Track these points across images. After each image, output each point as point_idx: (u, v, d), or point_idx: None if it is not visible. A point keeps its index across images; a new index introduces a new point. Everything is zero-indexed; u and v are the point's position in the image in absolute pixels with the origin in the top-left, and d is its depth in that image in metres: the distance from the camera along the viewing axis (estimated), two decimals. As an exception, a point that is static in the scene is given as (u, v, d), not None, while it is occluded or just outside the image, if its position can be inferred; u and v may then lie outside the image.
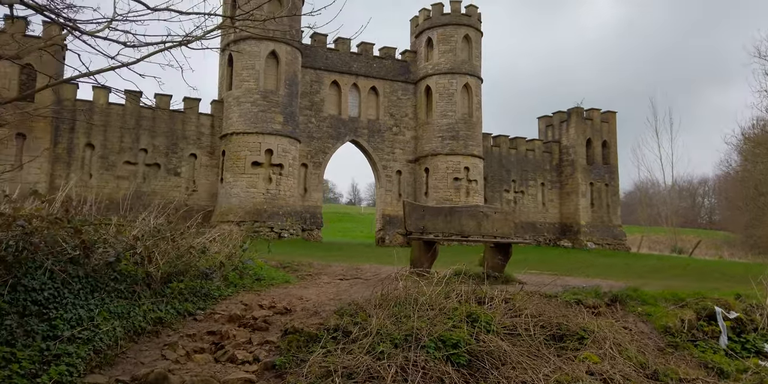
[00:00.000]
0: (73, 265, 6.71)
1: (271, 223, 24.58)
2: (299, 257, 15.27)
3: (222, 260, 9.14)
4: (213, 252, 9.36)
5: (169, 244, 8.44)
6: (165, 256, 8.09)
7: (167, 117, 26.80)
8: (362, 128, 29.57)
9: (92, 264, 6.93)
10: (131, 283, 7.22)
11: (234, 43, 26.11)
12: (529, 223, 32.85)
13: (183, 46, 7.73)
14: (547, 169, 34.26)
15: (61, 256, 6.70)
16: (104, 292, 6.83)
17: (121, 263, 7.31)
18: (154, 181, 26.34)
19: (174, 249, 8.48)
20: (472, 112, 29.93)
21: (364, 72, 29.84)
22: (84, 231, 6.97)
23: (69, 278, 6.50)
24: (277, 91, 25.78)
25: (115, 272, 7.19)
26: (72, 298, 6.30)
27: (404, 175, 30.20)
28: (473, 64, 30.29)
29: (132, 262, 7.61)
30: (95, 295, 6.67)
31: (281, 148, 25.42)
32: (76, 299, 6.34)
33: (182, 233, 8.94)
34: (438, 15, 30.33)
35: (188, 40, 7.61)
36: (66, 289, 6.36)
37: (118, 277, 7.15)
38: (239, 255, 9.58)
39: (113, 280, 7.07)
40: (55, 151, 24.89)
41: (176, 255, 8.39)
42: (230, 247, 9.61)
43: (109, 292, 6.88)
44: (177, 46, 7.41)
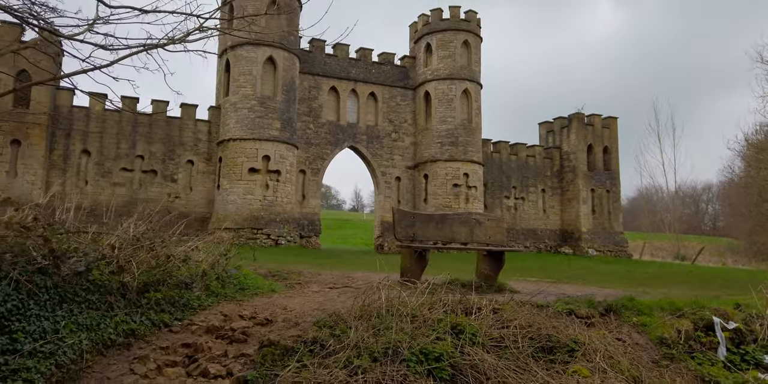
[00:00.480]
0: (42, 276, 6.46)
1: (268, 230, 24.32)
2: (291, 265, 15.00)
3: (205, 269, 8.88)
4: (196, 260, 9.11)
5: (147, 253, 8.19)
6: (143, 266, 7.85)
7: (164, 123, 26.65)
8: (361, 134, 29.36)
9: (62, 274, 6.68)
10: (104, 293, 6.96)
11: (231, 49, 26.00)
12: (530, 230, 32.51)
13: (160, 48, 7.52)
14: (548, 175, 33.96)
15: (29, 266, 6.46)
16: (74, 303, 6.56)
17: (94, 273, 7.06)
18: (151, 188, 26.15)
19: (153, 258, 8.23)
20: (471, 117, 29.70)
21: (362, 78, 29.68)
22: (54, 240, 6.72)
23: (36, 289, 6.25)
24: (275, 97, 25.61)
25: (88, 282, 6.93)
26: (37, 310, 6.04)
27: (403, 182, 29.94)
28: (472, 70, 30.09)
29: (107, 272, 7.36)
30: (64, 307, 6.41)
31: (278, 154, 25.20)
32: (42, 311, 6.08)
33: (163, 241, 8.68)
34: (437, 20, 30.18)
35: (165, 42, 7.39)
36: (32, 300, 6.11)
37: (90, 288, 6.89)
38: (223, 263, 9.31)
39: (85, 290, 6.81)
40: (51, 157, 24.74)
41: (156, 264, 8.15)
42: (214, 256, 9.34)
43: (80, 303, 6.61)
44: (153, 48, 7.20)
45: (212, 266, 9.30)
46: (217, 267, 9.45)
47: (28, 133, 23.61)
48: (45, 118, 23.89)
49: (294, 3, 26.99)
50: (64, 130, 25.05)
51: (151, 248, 8.32)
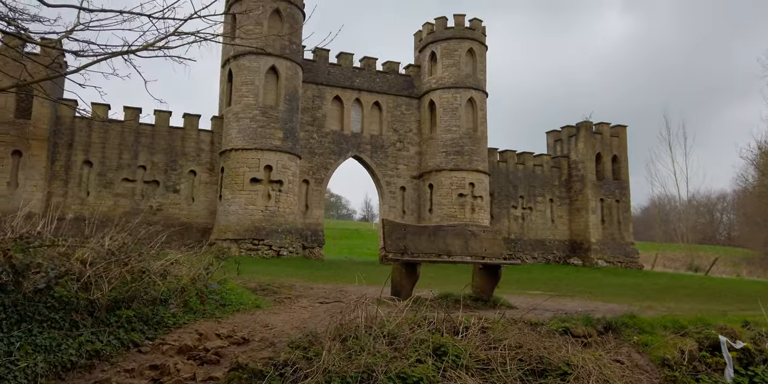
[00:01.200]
0: (1, 293, 6.12)
1: (269, 241, 23.98)
2: (286, 278, 14.60)
3: (184, 284, 8.51)
4: (176, 275, 8.74)
5: (122, 268, 7.83)
6: (115, 281, 7.48)
7: (166, 133, 26.51)
8: (365, 144, 29.04)
9: (24, 291, 6.33)
10: (69, 311, 6.61)
11: (234, 59, 25.86)
12: (538, 241, 31.90)
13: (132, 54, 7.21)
14: (556, 184, 33.38)
15: (-13, 283, 6.13)
16: (34, 322, 6.21)
17: (59, 290, 6.71)
18: (153, 199, 25.95)
19: (128, 272, 7.87)
20: (476, 126, 29.29)
21: (366, 87, 29.42)
22: (15, 254, 6.38)
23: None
24: (277, 107, 25.38)
25: (53, 300, 6.58)
26: (-11, 330, 5.68)
27: (408, 192, 29.52)
28: (478, 78, 29.72)
29: (77, 288, 7.01)
30: (22, 326, 6.05)
31: (281, 164, 24.92)
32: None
33: (140, 255, 8.32)
34: (441, 29, 29.90)
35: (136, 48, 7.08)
36: (-15, 319, 5.76)
37: (55, 305, 6.54)
38: (204, 278, 8.93)
39: (48, 308, 6.46)
40: (53, 168, 24.63)
41: (131, 279, 7.78)
42: (195, 270, 8.96)
43: (41, 322, 6.26)
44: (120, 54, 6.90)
45: (193, 281, 8.92)
46: (198, 282, 9.08)
47: (30, 144, 23.52)
48: (46, 129, 23.82)
49: (297, 13, 26.85)
50: (66, 140, 24.97)
51: (126, 262, 7.96)
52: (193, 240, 25.99)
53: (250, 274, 14.69)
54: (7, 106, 23.46)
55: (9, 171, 23.25)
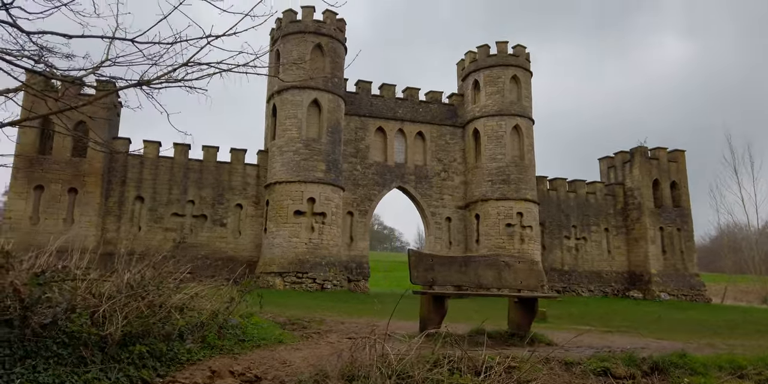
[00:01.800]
0: (7, 328, 6.02)
1: (313, 274, 23.77)
2: (321, 311, 14.25)
3: (203, 319, 8.28)
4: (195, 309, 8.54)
5: (140, 301, 7.68)
6: (131, 315, 7.32)
7: (214, 168, 27.08)
8: (409, 174, 28.77)
9: (31, 326, 6.23)
10: (78, 346, 6.44)
11: (277, 94, 26.37)
12: (594, 273, 30.39)
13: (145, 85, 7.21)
14: (611, 213, 31.96)
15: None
16: (40, 358, 6.05)
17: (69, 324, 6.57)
18: (201, 233, 26.36)
19: (146, 307, 7.71)
20: (523, 154, 28.56)
21: (409, 117, 29.34)
22: (24, 289, 6.30)
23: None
24: (320, 139, 25.56)
25: (64, 335, 6.44)
26: (-11, 367, 5.55)
27: (454, 222, 28.88)
28: (523, 105, 29.16)
29: (89, 323, 6.87)
30: (26, 363, 5.90)
31: (324, 196, 24.90)
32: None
33: (158, 288, 8.17)
34: (484, 57, 29.68)
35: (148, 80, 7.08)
36: (-13, 355, 5.64)
37: (64, 341, 6.38)
38: (225, 312, 8.68)
39: (58, 343, 6.31)
40: (107, 204, 25.45)
41: (148, 313, 7.62)
42: (216, 304, 8.74)
43: (47, 359, 6.09)
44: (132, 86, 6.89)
45: (214, 315, 8.70)
46: (220, 316, 8.85)
47: (85, 181, 24.45)
48: (100, 167, 24.74)
49: (339, 48, 27.27)
50: (119, 177, 25.85)
51: (143, 296, 7.82)
52: (239, 274, 26.14)
53: (284, 308, 14.43)
54: (65, 145, 24.57)
55: (65, 208, 24.16)
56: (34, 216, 23.74)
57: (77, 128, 25.19)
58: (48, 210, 23.91)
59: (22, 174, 23.78)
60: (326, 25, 26.75)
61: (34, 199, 23.90)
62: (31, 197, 23.86)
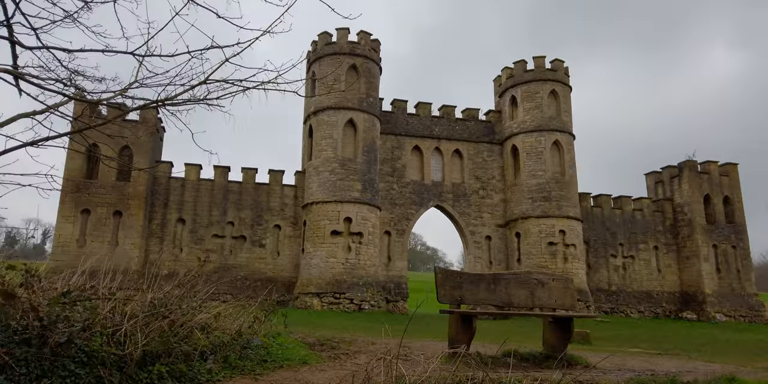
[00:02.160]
0: (26, 347, 6.00)
1: (350, 294, 23.54)
2: (354, 331, 13.98)
3: (226, 339, 8.14)
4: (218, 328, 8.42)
5: (161, 321, 7.61)
6: (154, 334, 7.25)
7: (252, 190, 27.39)
8: (447, 193, 28.39)
9: (50, 345, 6.20)
10: (95, 365, 6.37)
11: (313, 115, 26.60)
12: (644, 292, 29.07)
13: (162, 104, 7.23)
14: (660, 230, 30.65)
15: (15, 337, 6.06)
16: (57, 377, 5.99)
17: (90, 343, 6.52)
18: (240, 254, 26.57)
19: (168, 326, 7.64)
20: (564, 170, 27.83)
21: (446, 135, 29.09)
22: (42, 308, 6.30)
23: (14, 362, 5.77)
24: (355, 159, 25.56)
25: (82, 354, 6.39)
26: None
27: (494, 241, 28.24)
28: (562, 120, 28.53)
29: (108, 342, 6.82)
30: (42, 382, 5.85)
31: (360, 215, 24.78)
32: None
33: (180, 307, 8.09)
34: (521, 72, 29.29)
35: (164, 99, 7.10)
36: (2, 375, 5.61)
37: (83, 360, 6.32)
38: (247, 332, 8.53)
39: (76, 362, 6.26)
40: (150, 226, 25.99)
41: (170, 333, 7.53)
42: (240, 323, 8.60)
43: (64, 378, 6.03)
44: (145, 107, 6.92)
45: (238, 335, 8.57)
46: (244, 336, 8.71)
47: (129, 205, 25.07)
48: (143, 190, 25.35)
49: (374, 68, 27.42)
50: (162, 200, 26.41)
51: (165, 316, 7.75)
52: (278, 294, 26.15)
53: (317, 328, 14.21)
54: (110, 170, 25.30)
55: (111, 231, 24.77)
56: (81, 239, 24.42)
57: (122, 153, 25.98)
58: (94, 233, 24.57)
59: (69, 198, 24.58)
60: (360, 46, 26.98)
61: (81, 223, 24.62)
62: (78, 221, 24.58)
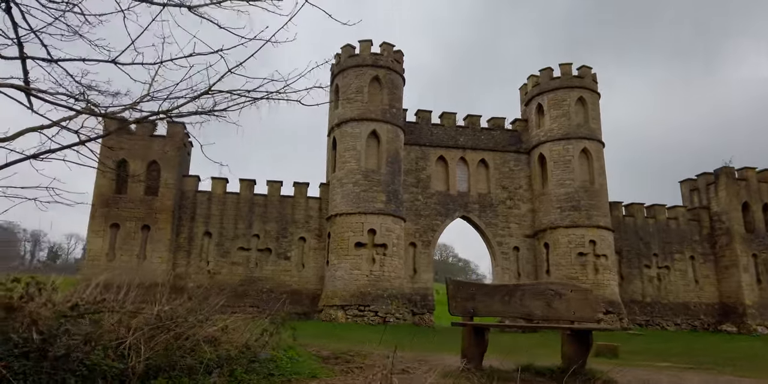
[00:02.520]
0: (25, 360, 5.96)
1: (375, 306, 23.28)
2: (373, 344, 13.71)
3: (233, 352, 8.01)
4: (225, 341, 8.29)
5: (167, 334, 7.53)
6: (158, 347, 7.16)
7: (278, 202, 27.49)
8: (472, 203, 27.99)
9: (50, 358, 6.15)
10: (96, 378, 6.30)
11: (337, 127, 26.64)
12: (681, 304, 28.00)
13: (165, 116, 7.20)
14: (697, 239, 29.58)
15: (15, 350, 6.03)
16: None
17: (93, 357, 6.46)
18: (266, 267, 26.61)
19: (174, 339, 7.55)
20: (593, 178, 27.15)
21: (471, 145, 28.77)
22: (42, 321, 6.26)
23: (12, 375, 5.73)
24: (379, 170, 25.44)
25: (83, 367, 6.33)
26: (-2, 400, 5.45)
27: (522, 252, 27.65)
28: (591, 128, 27.91)
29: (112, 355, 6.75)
30: (39, 395, 5.79)
31: (384, 227, 24.58)
32: (3, 402, 5.48)
33: (186, 320, 8.00)
34: (547, 80, 28.84)
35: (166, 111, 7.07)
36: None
37: (84, 374, 6.26)
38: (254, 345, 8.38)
39: (77, 376, 6.19)
40: (177, 240, 26.27)
41: (176, 346, 7.44)
42: (247, 336, 8.46)
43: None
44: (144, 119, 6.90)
45: (245, 348, 8.43)
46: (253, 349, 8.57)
47: (156, 218, 25.40)
48: (171, 204, 25.68)
49: (397, 79, 27.37)
50: (189, 214, 26.70)
51: (170, 328, 7.67)
52: (303, 307, 26.08)
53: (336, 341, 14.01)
54: (139, 185, 25.72)
55: (139, 245, 25.11)
56: (110, 253, 24.82)
57: (150, 168, 26.42)
58: (123, 247, 24.95)
59: (99, 213, 25.04)
60: (383, 57, 26.99)
61: (111, 237, 25.03)
62: (108, 235, 25.01)
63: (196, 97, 7.17)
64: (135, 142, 25.92)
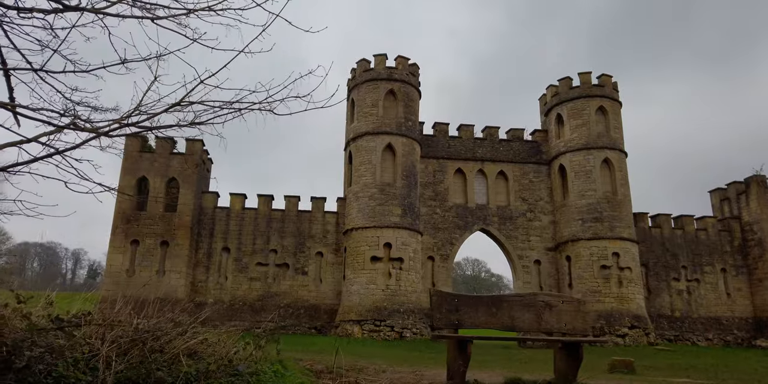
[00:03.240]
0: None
1: (391, 321, 22.93)
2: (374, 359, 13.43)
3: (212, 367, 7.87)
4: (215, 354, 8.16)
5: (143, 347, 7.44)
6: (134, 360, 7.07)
7: (295, 218, 27.53)
8: (492, 216, 27.52)
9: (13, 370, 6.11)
10: (60, 393, 6.22)
11: (352, 141, 26.65)
12: (712, 319, 26.82)
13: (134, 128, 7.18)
14: (728, 251, 28.42)
15: (-21, 361, 6.00)
16: (16, 403, 5.87)
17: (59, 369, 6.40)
18: (283, 282, 26.58)
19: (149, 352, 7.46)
20: (615, 189, 26.42)
21: (489, 157, 28.39)
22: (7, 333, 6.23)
23: (-28, 387, 5.70)
24: (394, 183, 25.27)
25: (51, 380, 6.27)
26: (-50, 414, 5.40)
27: (544, 265, 26.98)
28: (612, 137, 27.24)
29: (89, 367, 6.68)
30: (-1, 408, 5.74)
31: (400, 241, 24.32)
32: (-46, 415, 5.42)
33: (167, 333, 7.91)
34: (566, 89, 28.36)
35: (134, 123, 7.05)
36: (-44, 400, 5.52)
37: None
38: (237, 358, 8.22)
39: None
40: (197, 256, 26.48)
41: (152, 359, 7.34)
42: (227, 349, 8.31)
43: (23, 404, 5.91)
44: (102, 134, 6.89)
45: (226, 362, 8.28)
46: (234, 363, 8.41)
47: (175, 234, 25.66)
48: (189, 220, 25.95)
49: (412, 92, 27.30)
50: (207, 230, 26.94)
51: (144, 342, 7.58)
52: (321, 321, 25.89)
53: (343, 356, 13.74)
54: (158, 202, 26.08)
55: (158, 261, 25.37)
56: (131, 269, 25.14)
57: (169, 184, 26.82)
58: (143, 263, 25.24)
59: (120, 230, 25.45)
60: (398, 71, 26.98)
61: (131, 253, 25.38)
62: (128, 251, 25.36)
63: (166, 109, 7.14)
64: (155, 160, 26.38)
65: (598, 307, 24.10)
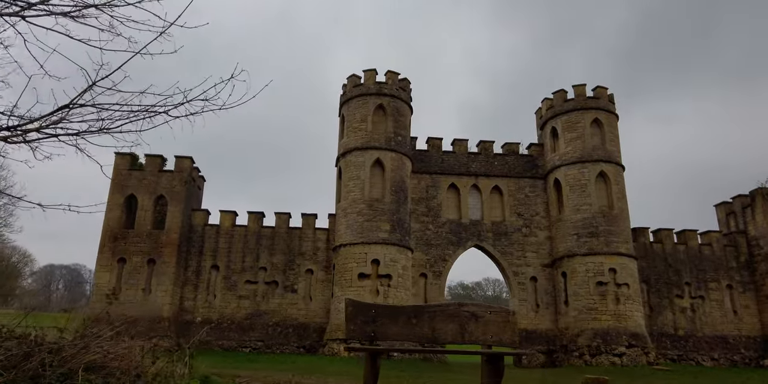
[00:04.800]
0: None
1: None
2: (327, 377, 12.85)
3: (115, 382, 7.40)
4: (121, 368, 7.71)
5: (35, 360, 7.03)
6: (21, 375, 6.66)
7: (285, 234, 27.17)
8: (486, 231, 26.82)
9: None
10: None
11: (342, 157, 26.35)
12: (718, 337, 25.57)
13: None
14: (734, 267, 27.24)
15: None
16: None
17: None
18: (272, 299, 26.12)
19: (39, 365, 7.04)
20: (612, 203, 25.59)
21: (484, 171, 27.81)
22: None
23: None
24: (383, 199, 24.80)
25: None
26: None
27: (540, 282, 26.10)
28: (608, 150, 26.52)
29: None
30: None
31: (389, 257, 23.74)
32: None
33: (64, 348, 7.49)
34: (561, 102, 27.81)
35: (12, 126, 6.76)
36: None
37: None
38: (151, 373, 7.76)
39: None
40: (185, 274, 26.17)
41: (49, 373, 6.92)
42: (136, 364, 7.85)
43: None
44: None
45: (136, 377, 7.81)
46: (145, 378, 7.94)
47: (162, 252, 25.42)
48: (176, 237, 25.72)
49: (403, 107, 27.00)
50: (197, 247, 26.67)
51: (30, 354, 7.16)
52: (310, 340, 25.28)
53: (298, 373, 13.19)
54: (146, 218, 25.94)
55: (144, 278, 25.09)
56: (117, 287, 24.88)
57: (158, 202, 26.70)
58: (129, 281, 24.98)
59: (107, 248, 25.30)
60: (388, 86, 26.74)
61: (118, 271, 25.16)
62: (115, 269, 25.14)
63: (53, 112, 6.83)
64: (144, 178, 26.33)
65: (594, 325, 23.13)
